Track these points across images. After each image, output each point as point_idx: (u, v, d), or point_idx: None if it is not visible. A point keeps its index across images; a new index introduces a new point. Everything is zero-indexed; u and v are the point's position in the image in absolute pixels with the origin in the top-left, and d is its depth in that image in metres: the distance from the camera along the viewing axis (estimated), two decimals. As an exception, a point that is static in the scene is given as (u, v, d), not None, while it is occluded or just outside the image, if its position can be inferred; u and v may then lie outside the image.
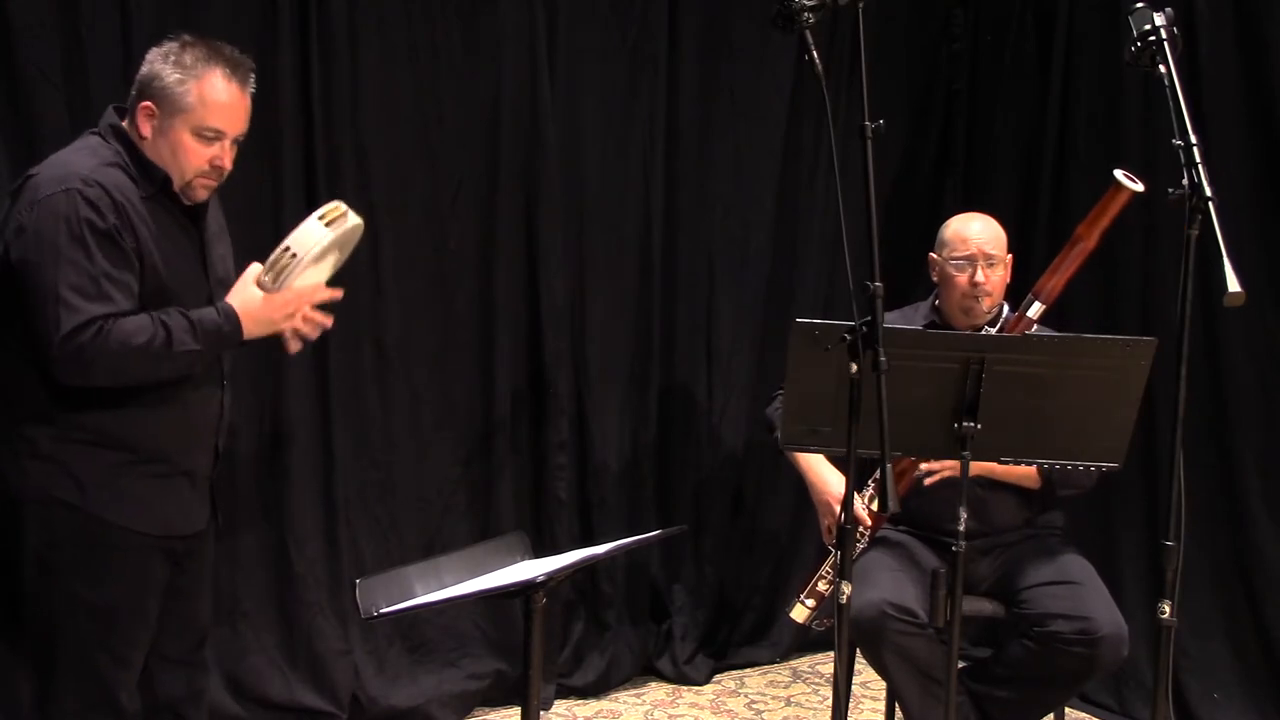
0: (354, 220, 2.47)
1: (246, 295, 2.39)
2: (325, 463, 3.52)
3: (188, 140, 2.34)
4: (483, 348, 3.74)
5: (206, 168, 2.37)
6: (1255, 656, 3.61)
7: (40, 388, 2.29)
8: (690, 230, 4.09)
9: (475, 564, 2.31)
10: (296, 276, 2.40)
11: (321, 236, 2.41)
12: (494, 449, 3.76)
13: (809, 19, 2.23)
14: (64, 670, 2.37)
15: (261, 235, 3.31)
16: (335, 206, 2.45)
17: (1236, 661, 3.64)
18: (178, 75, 2.33)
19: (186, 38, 2.39)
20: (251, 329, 2.39)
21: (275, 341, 2.52)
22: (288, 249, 2.40)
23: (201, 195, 2.42)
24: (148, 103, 2.35)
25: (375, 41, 3.49)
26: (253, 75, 2.43)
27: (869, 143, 2.17)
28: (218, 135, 2.36)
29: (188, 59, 2.34)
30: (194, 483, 2.48)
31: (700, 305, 4.13)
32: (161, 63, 2.35)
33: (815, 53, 2.24)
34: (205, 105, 2.34)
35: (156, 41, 3.06)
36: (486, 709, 3.79)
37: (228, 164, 2.41)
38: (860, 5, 2.26)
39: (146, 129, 2.35)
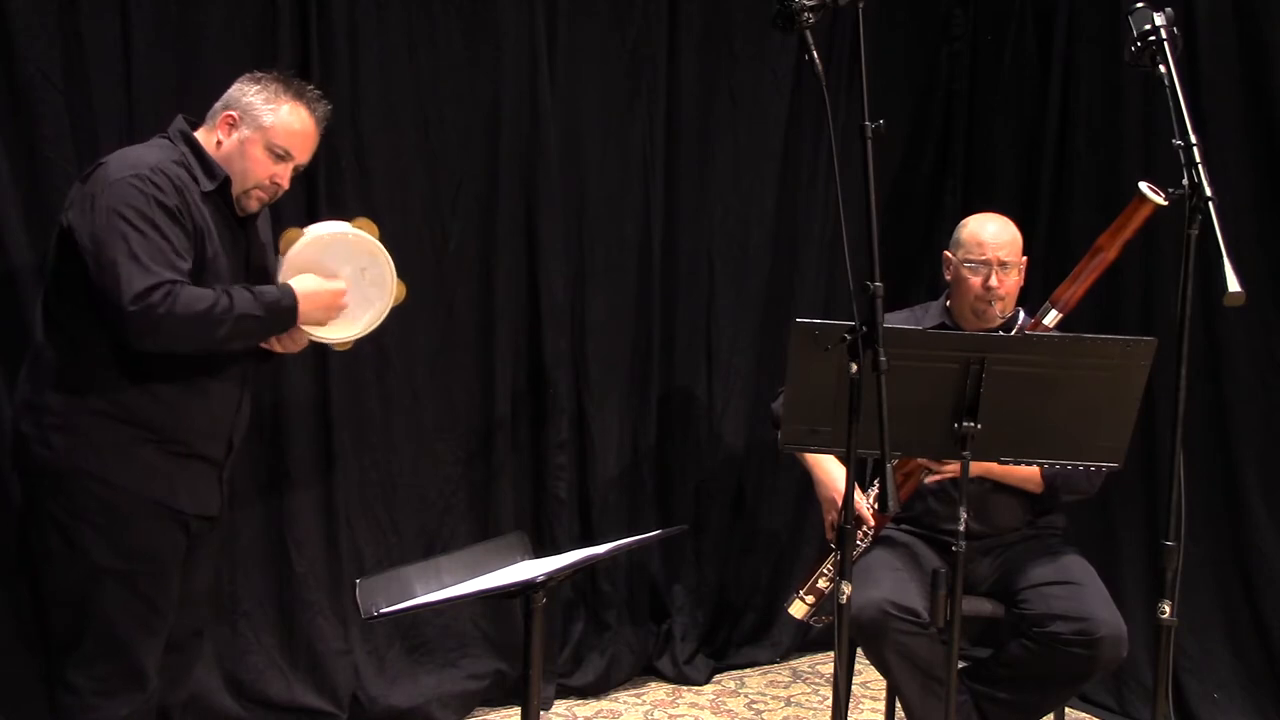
0: (376, 243, 2.75)
1: (303, 280, 2.64)
2: (325, 463, 3.52)
3: (259, 153, 2.60)
4: (483, 348, 3.74)
5: (266, 182, 2.63)
6: (1255, 656, 3.61)
7: (77, 365, 2.48)
8: (690, 230, 4.09)
9: (475, 564, 2.32)
10: (295, 251, 2.68)
11: (336, 225, 2.72)
12: (494, 449, 3.76)
13: (809, 19, 2.23)
14: (92, 640, 2.52)
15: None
16: (368, 222, 2.76)
17: (1236, 661, 3.64)
18: (266, 96, 2.62)
19: (276, 74, 2.68)
20: (307, 308, 2.62)
21: (279, 363, 2.64)
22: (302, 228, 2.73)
23: (254, 206, 2.66)
24: (232, 113, 2.61)
25: (375, 41, 3.49)
26: (328, 115, 2.71)
27: (869, 143, 2.17)
28: (286, 156, 2.63)
29: (275, 87, 2.63)
30: (207, 468, 2.64)
31: (700, 305, 4.13)
32: (252, 84, 2.64)
33: (815, 53, 2.24)
34: (283, 128, 2.61)
35: (156, 42, 3.12)
36: (486, 709, 3.79)
37: (285, 184, 2.66)
38: (860, 5, 2.27)
39: (225, 134, 2.61)
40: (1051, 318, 2.92)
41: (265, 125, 2.59)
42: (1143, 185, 2.78)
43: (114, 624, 2.52)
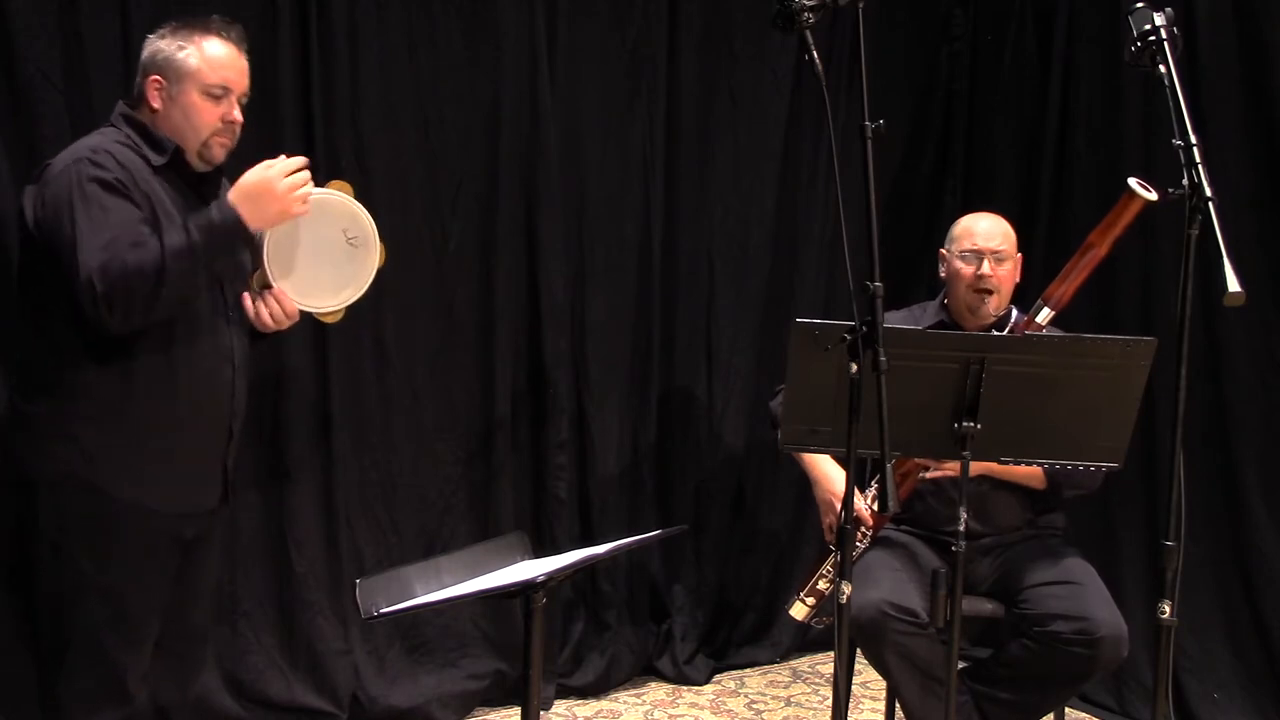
0: (355, 203, 2.62)
1: (235, 186, 2.45)
2: (325, 463, 3.52)
3: (198, 101, 2.48)
4: (483, 348, 3.74)
5: (220, 125, 2.51)
6: (1255, 656, 3.61)
7: (60, 370, 2.40)
8: (690, 230, 4.09)
9: (475, 564, 2.31)
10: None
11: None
12: (494, 449, 3.76)
13: (809, 19, 2.23)
14: (74, 653, 2.45)
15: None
16: (343, 183, 2.64)
17: (1236, 661, 3.64)
18: (177, 43, 2.49)
19: (175, 21, 2.54)
20: (250, 209, 2.41)
21: (276, 343, 2.53)
22: None
23: (219, 154, 2.54)
24: (155, 76, 2.50)
25: (375, 41, 3.49)
26: (244, 36, 2.57)
27: (869, 143, 2.17)
28: (225, 92, 2.50)
29: (184, 31, 2.51)
30: (204, 460, 2.56)
31: (700, 305, 4.13)
32: (160, 41, 2.52)
33: (815, 53, 2.24)
34: (209, 65, 2.49)
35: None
36: (486, 709, 3.79)
37: (239, 118, 2.54)
38: (860, 5, 2.27)
39: (157, 101, 2.49)
40: (1044, 315, 2.93)
41: (190, 70, 2.47)
42: (1132, 181, 2.79)
43: (98, 636, 2.44)
